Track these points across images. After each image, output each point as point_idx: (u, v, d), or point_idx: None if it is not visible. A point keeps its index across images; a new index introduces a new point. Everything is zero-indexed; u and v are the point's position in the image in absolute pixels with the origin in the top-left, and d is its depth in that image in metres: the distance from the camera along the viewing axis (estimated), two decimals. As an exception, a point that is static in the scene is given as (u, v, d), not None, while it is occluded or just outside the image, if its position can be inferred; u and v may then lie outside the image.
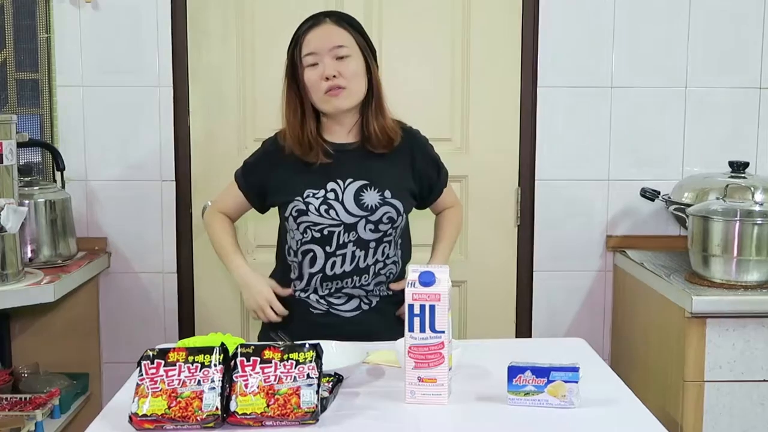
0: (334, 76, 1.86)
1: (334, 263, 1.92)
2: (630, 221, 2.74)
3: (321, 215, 1.90)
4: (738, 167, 2.47)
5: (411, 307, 1.52)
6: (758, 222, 2.16)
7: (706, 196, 2.42)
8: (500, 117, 2.74)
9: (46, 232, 2.42)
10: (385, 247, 1.94)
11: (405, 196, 1.96)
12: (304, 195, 1.91)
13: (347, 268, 1.92)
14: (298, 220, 1.92)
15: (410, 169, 1.99)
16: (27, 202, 2.35)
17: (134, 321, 2.72)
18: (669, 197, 2.55)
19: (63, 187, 2.54)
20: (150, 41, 2.63)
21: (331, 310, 1.95)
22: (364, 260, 1.92)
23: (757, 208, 2.20)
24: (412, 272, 1.54)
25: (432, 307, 1.51)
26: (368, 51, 1.94)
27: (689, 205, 2.37)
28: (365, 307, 1.96)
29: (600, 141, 2.71)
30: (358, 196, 1.90)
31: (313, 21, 1.91)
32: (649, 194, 2.60)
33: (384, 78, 2.68)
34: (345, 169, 1.92)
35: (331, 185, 1.91)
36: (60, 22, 2.61)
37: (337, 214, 1.90)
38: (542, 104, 2.69)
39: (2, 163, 2.11)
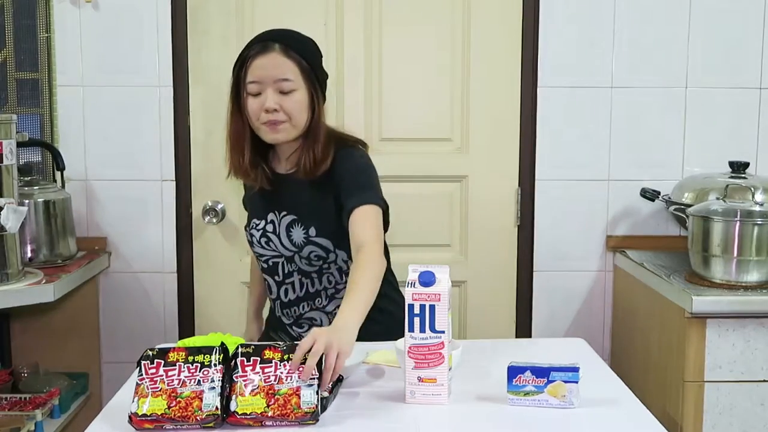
0: (275, 110, 1.78)
1: (286, 290, 1.94)
2: (630, 221, 2.74)
3: (263, 247, 1.93)
4: (738, 167, 2.47)
5: (411, 307, 1.52)
6: (758, 222, 2.16)
7: (706, 197, 2.42)
8: (500, 117, 2.74)
9: (46, 232, 2.42)
10: (328, 276, 1.91)
11: (334, 230, 1.85)
12: (250, 226, 1.95)
13: (300, 293, 1.93)
14: (252, 251, 1.99)
15: (332, 193, 1.85)
16: (27, 201, 2.35)
17: (134, 321, 2.72)
18: (669, 197, 2.55)
19: (63, 187, 2.53)
20: (150, 41, 2.63)
21: (302, 336, 1.93)
22: (313, 286, 1.92)
23: (757, 208, 2.20)
24: (412, 272, 1.54)
25: (432, 307, 1.51)
26: (315, 81, 1.83)
27: (689, 206, 2.37)
28: None
29: (600, 141, 2.71)
30: (288, 232, 1.89)
31: (261, 46, 1.80)
32: (649, 194, 2.60)
33: (384, 78, 2.72)
34: (282, 201, 1.91)
35: (270, 216, 1.92)
36: (60, 22, 2.61)
37: (275, 247, 1.91)
38: (542, 104, 2.69)
39: (2, 162, 2.11)
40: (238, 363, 1.47)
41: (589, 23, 2.66)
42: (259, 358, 1.47)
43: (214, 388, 1.43)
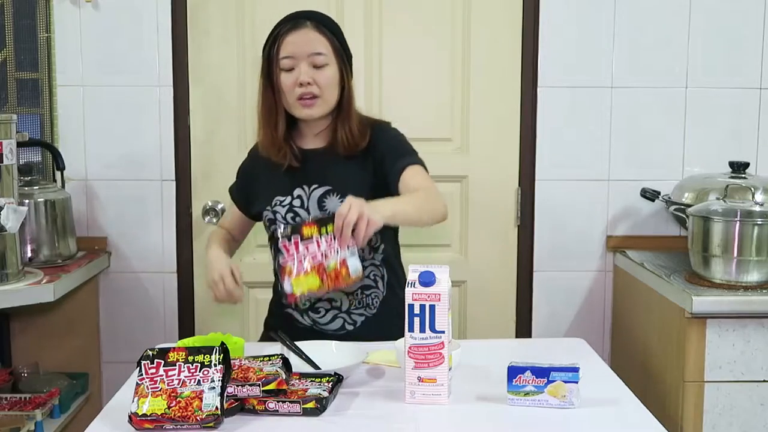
0: (309, 84, 1.84)
1: None
2: (630, 221, 2.74)
3: (288, 223, 1.91)
4: (738, 167, 2.47)
5: (411, 307, 1.52)
6: (758, 222, 2.16)
7: (707, 197, 2.42)
8: (500, 117, 2.74)
9: (46, 232, 2.42)
10: None
11: (369, 200, 1.86)
12: (273, 203, 1.93)
13: None
14: (270, 230, 1.95)
15: (372, 166, 1.91)
16: (27, 201, 2.35)
17: (134, 321, 2.72)
18: (669, 197, 2.55)
19: (63, 186, 2.53)
20: (150, 41, 2.63)
21: (314, 327, 1.94)
22: None
23: (757, 208, 2.20)
24: (412, 272, 1.54)
25: (432, 307, 1.51)
26: (345, 58, 1.91)
27: (689, 206, 2.37)
28: (349, 327, 1.93)
29: (600, 141, 2.71)
30: (321, 203, 1.89)
31: (293, 23, 1.87)
32: (649, 194, 2.60)
33: (384, 78, 2.72)
34: (311, 175, 1.91)
35: (297, 191, 1.91)
36: (60, 22, 2.61)
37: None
38: (542, 104, 2.69)
39: (2, 162, 2.11)
40: (281, 247, 1.58)
41: (589, 23, 2.66)
42: (299, 237, 1.59)
43: (214, 388, 1.43)
